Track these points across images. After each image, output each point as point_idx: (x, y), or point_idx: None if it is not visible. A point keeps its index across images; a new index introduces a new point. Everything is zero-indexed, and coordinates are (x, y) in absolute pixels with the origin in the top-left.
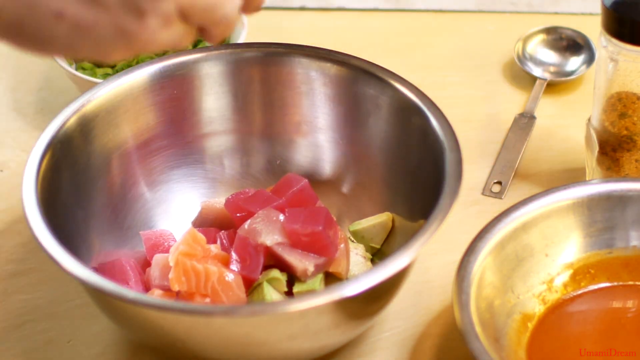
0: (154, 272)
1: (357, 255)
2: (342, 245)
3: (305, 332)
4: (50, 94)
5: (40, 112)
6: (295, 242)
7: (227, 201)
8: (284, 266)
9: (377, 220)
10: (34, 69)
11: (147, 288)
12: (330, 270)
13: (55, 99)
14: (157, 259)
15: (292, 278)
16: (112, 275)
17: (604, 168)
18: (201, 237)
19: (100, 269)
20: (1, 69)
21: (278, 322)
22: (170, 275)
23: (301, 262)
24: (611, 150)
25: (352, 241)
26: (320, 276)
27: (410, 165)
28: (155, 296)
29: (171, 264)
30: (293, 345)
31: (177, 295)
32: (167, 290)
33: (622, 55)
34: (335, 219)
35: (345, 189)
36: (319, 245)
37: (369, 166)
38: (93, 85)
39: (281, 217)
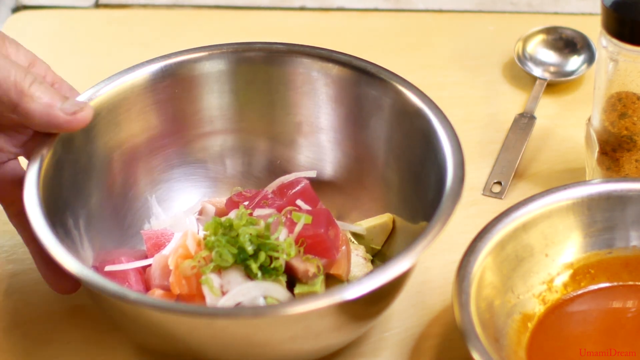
0: (155, 272)
1: (357, 256)
2: (343, 248)
3: (306, 333)
4: None
5: None
6: (297, 244)
7: (228, 201)
8: (285, 268)
9: (377, 222)
10: None
11: (147, 288)
12: (331, 272)
13: None
14: (158, 258)
15: (293, 279)
16: (113, 275)
17: (604, 168)
18: (199, 238)
19: (100, 269)
20: None
21: (280, 324)
22: (171, 279)
23: (302, 263)
24: (611, 150)
25: (353, 242)
26: (321, 278)
27: (412, 167)
28: (156, 296)
29: (171, 267)
30: (294, 347)
31: (178, 296)
32: (167, 290)
33: (622, 55)
34: (336, 219)
35: (346, 189)
36: (321, 247)
37: (370, 167)
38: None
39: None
